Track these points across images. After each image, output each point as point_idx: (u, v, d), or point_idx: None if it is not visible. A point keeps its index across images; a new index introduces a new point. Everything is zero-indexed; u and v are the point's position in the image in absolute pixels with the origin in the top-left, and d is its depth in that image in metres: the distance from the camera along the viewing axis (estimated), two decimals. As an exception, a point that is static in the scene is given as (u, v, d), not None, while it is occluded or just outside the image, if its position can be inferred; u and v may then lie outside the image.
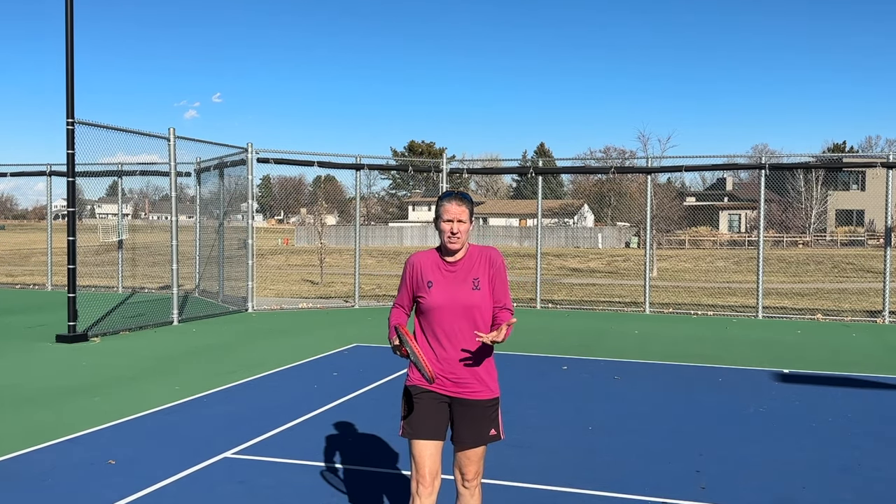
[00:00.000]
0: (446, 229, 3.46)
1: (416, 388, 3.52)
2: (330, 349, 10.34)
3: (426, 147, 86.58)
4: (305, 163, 16.04)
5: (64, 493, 4.83)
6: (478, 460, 3.55)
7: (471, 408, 3.50)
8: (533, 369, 9.04)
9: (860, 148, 79.97)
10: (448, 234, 3.46)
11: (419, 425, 3.48)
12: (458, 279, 3.50)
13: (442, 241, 3.52)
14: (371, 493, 4.90)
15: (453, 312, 3.45)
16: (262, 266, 29.51)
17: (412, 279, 3.58)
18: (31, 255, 33.34)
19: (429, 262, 3.57)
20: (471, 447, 3.52)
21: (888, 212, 13.98)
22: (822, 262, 31.49)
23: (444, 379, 3.48)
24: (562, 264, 33.74)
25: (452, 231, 3.45)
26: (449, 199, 3.50)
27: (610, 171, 17.54)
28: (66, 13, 10.85)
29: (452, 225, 3.45)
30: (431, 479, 3.45)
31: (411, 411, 3.51)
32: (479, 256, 3.55)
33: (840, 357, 10.12)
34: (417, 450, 3.47)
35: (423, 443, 3.47)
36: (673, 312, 15.18)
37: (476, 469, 3.56)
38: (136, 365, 9.15)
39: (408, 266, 3.61)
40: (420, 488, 3.45)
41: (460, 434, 3.52)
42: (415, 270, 3.56)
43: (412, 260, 3.60)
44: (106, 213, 35.67)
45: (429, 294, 3.49)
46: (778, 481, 5.15)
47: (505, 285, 3.56)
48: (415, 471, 3.48)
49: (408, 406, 3.53)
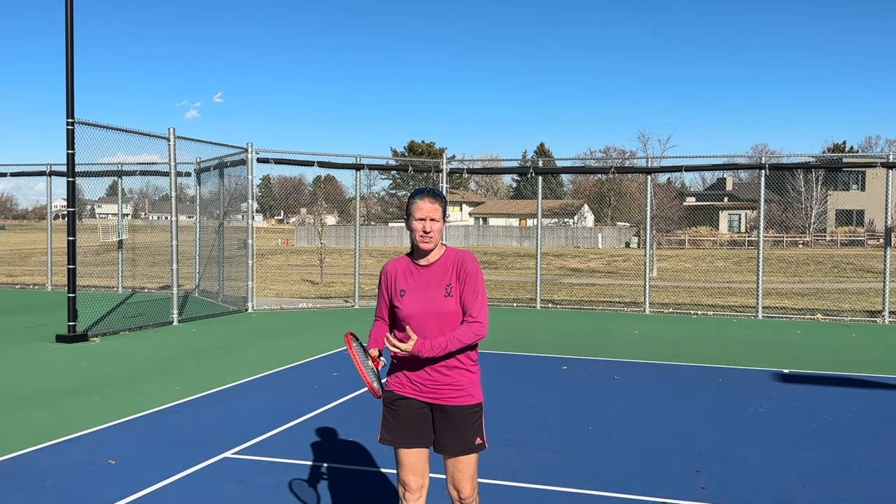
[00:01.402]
0: (418, 228, 3.32)
1: (392, 394, 3.44)
2: (330, 349, 10.34)
3: (426, 147, 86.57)
4: (305, 163, 16.05)
5: (64, 493, 4.83)
6: (472, 475, 3.44)
7: (451, 414, 3.38)
8: (533, 369, 9.04)
9: (860, 148, 79.96)
10: (420, 234, 3.32)
11: (397, 432, 3.41)
12: (430, 285, 3.36)
13: (413, 242, 3.37)
14: (371, 493, 4.90)
15: (427, 320, 3.32)
16: (262, 266, 29.50)
17: (387, 288, 3.47)
18: (31, 255, 33.33)
19: (401, 268, 3.45)
20: (455, 455, 3.40)
21: (888, 212, 13.98)
22: (822, 262, 31.48)
23: (420, 385, 3.40)
24: (562, 264, 33.74)
25: (425, 230, 3.30)
26: (421, 196, 3.35)
27: (610, 171, 17.54)
28: (66, 13, 10.85)
29: (425, 223, 3.31)
30: (417, 486, 3.41)
31: (388, 418, 3.44)
32: (452, 261, 3.39)
33: (840, 357, 10.12)
34: (399, 458, 3.43)
35: (403, 451, 3.42)
36: (673, 312, 15.18)
37: (471, 485, 3.44)
38: (136, 365, 9.15)
39: (382, 275, 3.50)
40: (408, 494, 3.42)
41: (442, 442, 3.41)
42: (388, 279, 3.46)
43: (385, 269, 3.49)
44: (106, 213, 35.70)
45: (402, 303, 3.37)
46: (778, 481, 5.15)
47: (475, 293, 3.35)
48: (399, 477, 3.44)
49: (385, 412, 3.47)
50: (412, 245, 3.42)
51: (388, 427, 3.44)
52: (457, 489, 3.46)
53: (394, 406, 3.44)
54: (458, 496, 3.46)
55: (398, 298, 3.40)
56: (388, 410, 3.46)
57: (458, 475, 3.43)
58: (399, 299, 3.39)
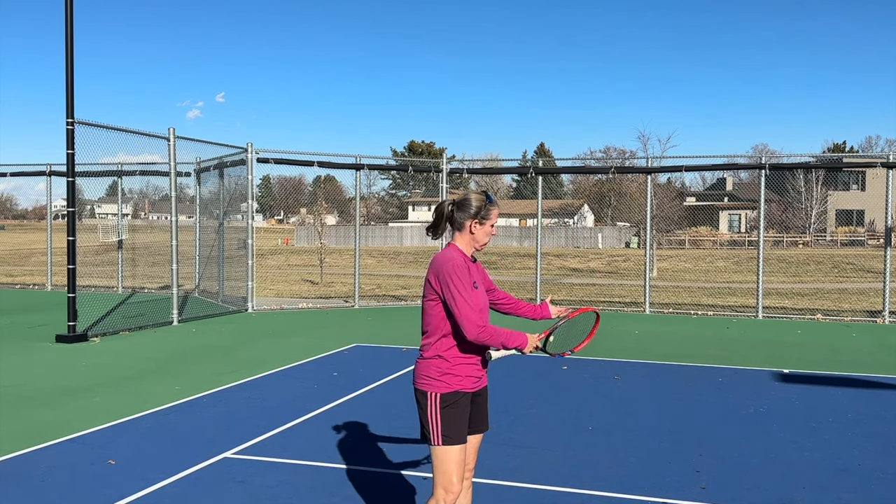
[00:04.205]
0: (490, 233, 3.54)
1: (454, 394, 3.44)
2: (330, 349, 10.34)
3: (426, 147, 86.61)
4: (305, 163, 16.05)
5: (64, 493, 4.83)
6: (479, 448, 3.71)
7: (482, 397, 3.66)
8: (533, 369, 9.04)
9: (860, 148, 79.98)
10: (488, 239, 3.55)
11: (461, 430, 3.46)
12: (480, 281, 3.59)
13: (475, 243, 3.55)
14: (370, 493, 4.89)
15: (485, 313, 3.50)
16: (262, 266, 29.51)
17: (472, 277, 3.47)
18: (31, 255, 33.34)
19: (468, 262, 3.51)
20: (482, 431, 3.67)
21: (888, 212, 13.98)
22: (822, 262, 31.48)
23: (474, 379, 3.53)
24: (562, 264, 33.74)
25: (493, 234, 3.57)
26: (494, 205, 3.54)
27: (610, 171, 17.54)
28: (65, 13, 10.85)
29: (494, 229, 3.57)
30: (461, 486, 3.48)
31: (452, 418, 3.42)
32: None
33: (840, 357, 10.12)
34: (456, 457, 3.41)
35: (459, 449, 3.44)
36: (673, 312, 15.18)
37: (475, 458, 3.71)
38: (136, 365, 9.15)
39: (461, 266, 3.42)
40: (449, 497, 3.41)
41: (476, 422, 3.62)
42: (469, 270, 3.46)
43: (461, 260, 3.45)
44: (106, 213, 35.70)
45: (479, 295, 3.50)
46: (778, 481, 5.15)
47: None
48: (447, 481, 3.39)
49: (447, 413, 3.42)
50: (465, 245, 3.55)
51: (453, 427, 3.41)
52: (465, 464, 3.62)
53: (454, 405, 3.44)
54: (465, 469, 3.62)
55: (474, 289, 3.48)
56: (450, 411, 3.42)
57: (471, 451, 3.66)
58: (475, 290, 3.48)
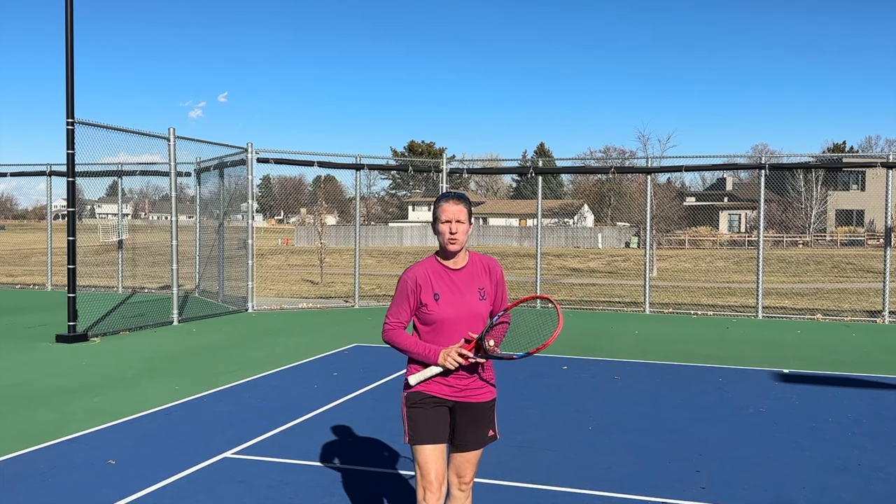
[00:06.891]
0: (445, 230, 3.41)
1: (418, 394, 3.48)
2: (330, 349, 10.34)
3: (426, 147, 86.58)
4: (305, 163, 16.05)
5: (64, 493, 4.83)
6: (476, 462, 3.58)
7: (473, 410, 3.50)
8: (533, 369, 9.04)
9: (860, 148, 79.96)
10: (447, 235, 3.40)
11: (424, 431, 3.45)
12: (464, 288, 3.46)
13: (441, 244, 3.46)
14: (370, 493, 4.90)
15: (461, 322, 3.41)
16: (262, 266, 29.50)
17: (415, 295, 3.46)
18: (31, 255, 33.34)
19: (431, 272, 3.47)
20: (472, 450, 3.53)
21: (888, 212, 13.98)
22: (821, 262, 31.48)
23: (444, 386, 3.45)
24: (562, 264, 33.73)
25: (451, 231, 3.39)
26: (446, 199, 3.45)
27: (610, 171, 17.55)
28: (66, 13, 10.85)
29: (451, 225, 3.40)
30: (439, 484, 3.43)
31: (416, 418, 3.47)
32: (480, 265, 3.53)
33: (840, 357, 10.12)
34: (423, 456, 3.43)
35: (429, 448, 3.43)
36: (673, 312, 15.18)
37: (474, 471, 3.58)
38: (136, 365, 9.15)
39: (407, 282, 3.46)
40: (427, 494, 3.41)
41: (463, 437, 3.51)
42: (416, 285, 3.45)
43: (411, 275, 3.47)
44: (106, 213, 35.66)
45: (437, 306, 3.41)
46: (778, 481, 5.15)
47: (506, 295, 3.62)
48: (421, 477, 3.44)
49: (411, 413, 3.48)
50: (440, 248, 3.50)
51: (415, 426, 3.46)
52: (459, 476, 3.56)
53: (421, 405, 3.46)
54: (459, 481, 3.56)
55: (432, 302, 3.42)
56: (415, 411, 3.47)
57: (465, 465, 3.55)
58: (434, 303, 3.42)
